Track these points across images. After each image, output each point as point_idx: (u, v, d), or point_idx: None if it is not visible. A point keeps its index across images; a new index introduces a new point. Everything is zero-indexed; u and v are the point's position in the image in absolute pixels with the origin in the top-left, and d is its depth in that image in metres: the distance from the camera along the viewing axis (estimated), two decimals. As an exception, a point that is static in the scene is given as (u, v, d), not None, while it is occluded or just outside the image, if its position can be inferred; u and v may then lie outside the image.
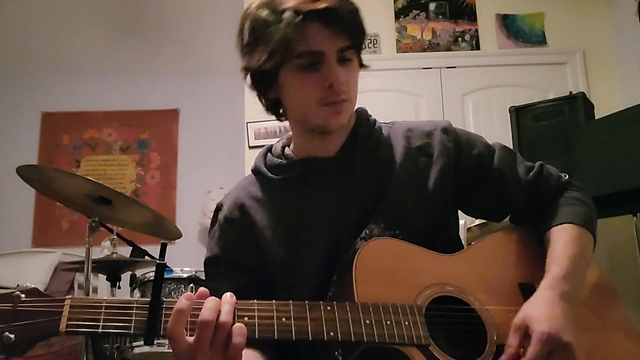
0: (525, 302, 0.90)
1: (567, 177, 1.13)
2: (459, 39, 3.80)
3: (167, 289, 2.04)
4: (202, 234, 4.25)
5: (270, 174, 1.06)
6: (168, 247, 0.78)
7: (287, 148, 1.10)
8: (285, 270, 1.01)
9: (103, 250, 2.55)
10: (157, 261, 0.75)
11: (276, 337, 0.76)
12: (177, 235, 2.40)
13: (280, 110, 1.06)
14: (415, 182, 1.03)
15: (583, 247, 0.99)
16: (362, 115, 1.08)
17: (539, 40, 3.79)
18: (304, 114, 0.99)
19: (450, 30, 3.81)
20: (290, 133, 1.11)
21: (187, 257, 2.67)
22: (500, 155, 1.09)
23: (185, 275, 2.12)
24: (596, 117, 2.98)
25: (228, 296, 0.77)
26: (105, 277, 2.38)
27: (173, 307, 0.73)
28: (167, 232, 2.38)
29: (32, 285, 0.71)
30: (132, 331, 0.72)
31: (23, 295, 0.69)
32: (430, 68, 3.76)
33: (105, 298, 0.74)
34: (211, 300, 0.74)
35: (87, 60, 4.65)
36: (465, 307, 0.92)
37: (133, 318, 0.73)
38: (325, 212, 1.01)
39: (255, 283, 1.02)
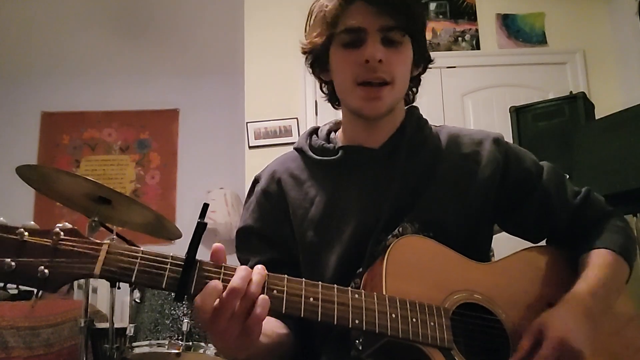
0: (546, 311, 0.90)
1: (612, 208, 1.11)
2: (459, 38, 3.79)
3: (167, 288, 2.04)
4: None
5: (311, 153, 1.06)
6: (168, 248, 0.78)
7: (332, 133, 1.11)
8: (311, 253, 1.01)
9: (103, 250, 2.54)
10: (198, 220, 0.74)
11: (302, 316, 0.76)
12: (177, 235, 2.39)
13: (335, 96, 1.07)
14: (457, 187, 1.02)
15: (615, 274, 0.98)
16: (414, 113, 1.09)
17: (539, 40, 3.79)
18: (344, 95, 1.02)
19: (451, 30, 3.81)
20: (337, 119, 1.12)
21: (187, 257, 2.66)
22: (548, 175, 1.07)
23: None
24: (596, 117, 2.97)
25: (260, 268, 0.76)
26: (105, 277, 2.38)
27: (207, 268, 0.74)
28: (167, 232, 2.38)
29: (70, 226, 0.70)
30: (163, 286, 0.71)
31: (62, 233, 0.70)
32: (430, 68, 3.75)
33: (142, 249, 0.73)
34: (243, 270, 0.74)
35: (87, 60, 4.65)
36: (491, 317, 0.91)
37: (167, 273, 0.72)
38: (360, 202, 1.01)
39: (285, 258, 1.03)
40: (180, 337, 1.94)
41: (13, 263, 0.66)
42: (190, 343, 1.94)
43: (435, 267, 0.92)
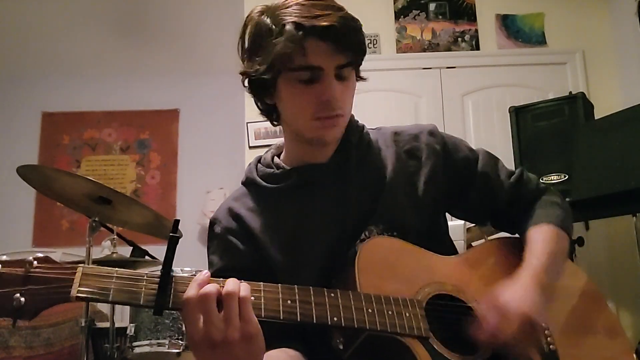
0: (503, 285, 0.94)
1: (544, 185, 1.18)
2: (459, 39, 3.80)
3: (167, 288, 2.04)
4: (202, 234, 4.25)
5: (264, 183, 1.07)
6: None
7: (276, 158, 1.11)
8: (284, 275, 1.01)
9: (103, 250, 2.55)
10: (170, 234, 0.76)
11: (281, 318, 0.78)
12: (177, 235, 2.39)
13: (274, 116, 1.06)
14: (407, 185, 1.06)
15: (559, 245, 1.04)
16: (351, 121, 1.09)
17: (539, 40, 3.79)
18: (298, 126, 1.01)
19: (450, 31, 3.81)
20: (281, 141, 1.12)
21: (187, 257, 2.66)
22: (484, 160, 1.13)
23: (185, 275, 2.12)
24: (596, 117, 2.98)
25: (232, 280, 0.78)
26: (105, 277, 2.38)
27: (183, 281, 0.76)
28: (167, 232, 2.36)
29: (42, 254, 0.72)
30: (141, 302, 0.73)
31: (35, 262, 0.70)
32: (430, 68, 3.76)
33: (116, 269, 0.74)
34: (210, 286, 0.76)
35: (87, 60, 4.65)
36: (463, 305, 0.95)
37: (143, 290, 0.74)
38: (323, 217, 1.02)
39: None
40: (180, 337, 1.94)
41: None
42: (191, 343, 1.94)
43: (404, 264, 0.95)
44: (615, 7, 3.74)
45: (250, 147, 3.66)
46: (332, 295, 0.83)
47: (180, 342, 1.94)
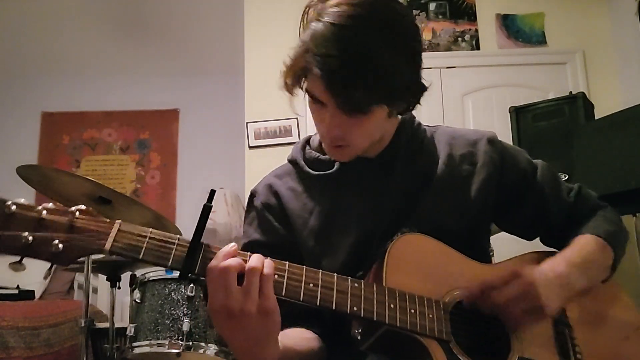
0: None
1: (605, 204, 1.13)
2: (459, 39, 3.80)
3: (167, 289, 2.04)
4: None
5: (307, 168, 1.06)
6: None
7: None
8: (312, 261, 1.01)
9: (103, 250, 2.54)
10: (205, 204, 0.78)
11: (301, 300, 0.78)
12: (177, 235, 2.39)
13: None
14: (455, 189, 1.02)
15: (595, 252, 1.00)
16: (407, 120, 1.07)
17: (539, 40, 3.79)
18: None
19: (450, 30, 3.81)
20: None
21: (187, 257, 2.66)
22: (543, 174, 1.08)
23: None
24: (596, 117, 2.98)
25: (257, 256, 0.78)
26: (105, 277, 2.38)
27: (212, 250, 0.76)
28: (167, 232, 2.37)
29: (84, 207, 0.74)
30: (169, 263, 0.75)
31: (78, 212, 0.73)
32: (430, 68, 3.75)
33: (150, 229, 0.76)
34: (255, 255, 0.76)
35: (87, 60, 4.66)
36: (490, 315, 0.91)
37: (173, 252, 0.75)
38: (359, 212, 1.01)
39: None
40: (180, 337, 1.94)
41: (30, 237, 0.69)
42: (191, 343, 1.94)
43: (436, 264, 0.92)
44: (615, 7, 3.74)
45: (250, 147, 3.66)
46: (356, 285, 0.81)
47: (180, 342, 1.93)
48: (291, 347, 0.88)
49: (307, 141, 1.12)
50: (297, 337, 0.94)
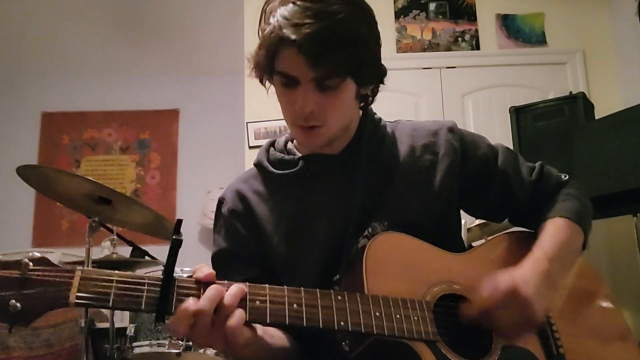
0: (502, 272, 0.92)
1: (566, 177, 1.14)
2: (459, 39, 3.79)
3: (167, 289, 2.04)
4: (202, 234, 4.25)
5: (272, 168, 1.06)
6: (168, 247, 0.78)
7: (289, 143, 1.10)
8: (286, 266, 1.01)
9: (103, 250, 2.55)
10: (173, 237, 0.73)
11: (287, 323, 0.77)
12: (177, 235, 2.39)
13: None
14: (419, 180, 1.03)
15: (570, 237, 1.02)
16: (368, 115, 1.08)
17: (539, 40, 3.79)
18: (287, 125, 1.01)
19: (450, 30, 3.81)
20: None
21: (187, 257, 2.66)
22: (504, 156, 1.10)
23: (185, 276, 2.11)
24: (596, 117, 2.98)
25: (240, 284, 0.77)
26: (105, 277, 2.38)
27: (185, 285, 0.74)
28: (167, 232, 2.37)
29: (39, 255, 0.69)
30: (142, 307, 0.71)
31: (31, 264, 0.67)
32: (430, 68, 3.75)
33: (116, 272, 0.72)
34: (213, 289, 0.74)
35: (87, 60, 4.65)
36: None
37: (144, 294, 0.71)
38: (327, 209, 1.01)
39: (266, 273, 1.03)
40: (180, 337, 1.94)
41: None
42: (191, 343, 1.94)
43: (413, 262, 0.93)
44: (615, 7, 3.74)
45: (250, 147, 3.66)
46: (339, 297, 0.81)
47: (180, 342, 1.93)
48: (264, 337, 0.87)
49: (272, 144, 1.11)
50: (273, 330, 0.93)
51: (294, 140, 1.10)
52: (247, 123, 3.67)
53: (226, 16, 4.08)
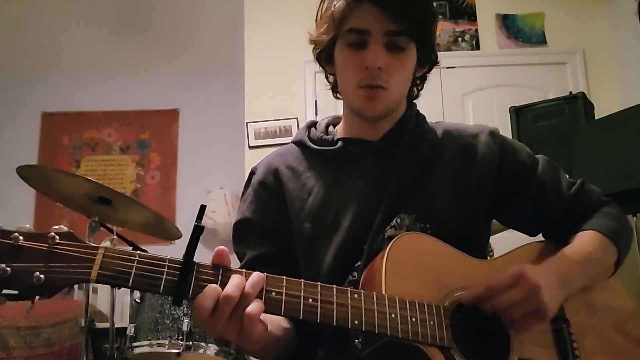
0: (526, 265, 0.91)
1: (609, 198, 1.12)
2: (459, 39, 3.80)
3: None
4: (204, 234, 4.25)
5: (310, 143, 1.07)
6: (168, 248, 0.78)
7: (331, 127, 1.12)
8: (309, 244, 1.01)
9: (103, 250, 2.54)
10: (195, 223, 0.74)
11: (301, 317, 0.76)
12: (177, 235, 2.39)
13: (337, 87, 1.08)
14: (454, 179, 1.03)
15: (598, 250, 0.99)
16: (413, 108, 1.10)
17: (539, 40, 3.79)
18: (346, 93, 1.03)
19: (450, 30, 3.81)
20: (335, 115, 1.15)
21: (187, 257, 2.66)
22: (544, 167, 1.09)
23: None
24: (596, 117, 2.98)
25: (259, 273, 0.76)
26: (105, 277, 2.38)
27: (204, 270, 0.74)
28: (167, 232, 2.38)
29: (66, 228, 0.69)
30: (161, 290, 0.71)
31: (58, 237, 0.68)
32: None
33: (138, 252, 0.72)
34: (237, 277, 0.74)
35: (87, 60, 4.66)
36: (491, 317, 0.90)
37: (164, 277, 0.71)
38: (359, 194, 1.01)
39: (282, 252, 1.03)
40: (180, 337, 1.94)
41: (8, 269, 0.64)
42: (191, 343, 1.94)
43: (434, 265, 0.91)
44: (615, 7, 3.74)
45: (250, 147, 3.66)
46: (356, 296, 0.80)
47: (180, 342, 1.93)
48: (273, 332, 0.87)
49: (313, 124, 1.13)
50: (277, 322, 0.93)
51: (336, 125, 1.12)
52: (247, 123, 3.67)
53: (226, 16, 4.08)
